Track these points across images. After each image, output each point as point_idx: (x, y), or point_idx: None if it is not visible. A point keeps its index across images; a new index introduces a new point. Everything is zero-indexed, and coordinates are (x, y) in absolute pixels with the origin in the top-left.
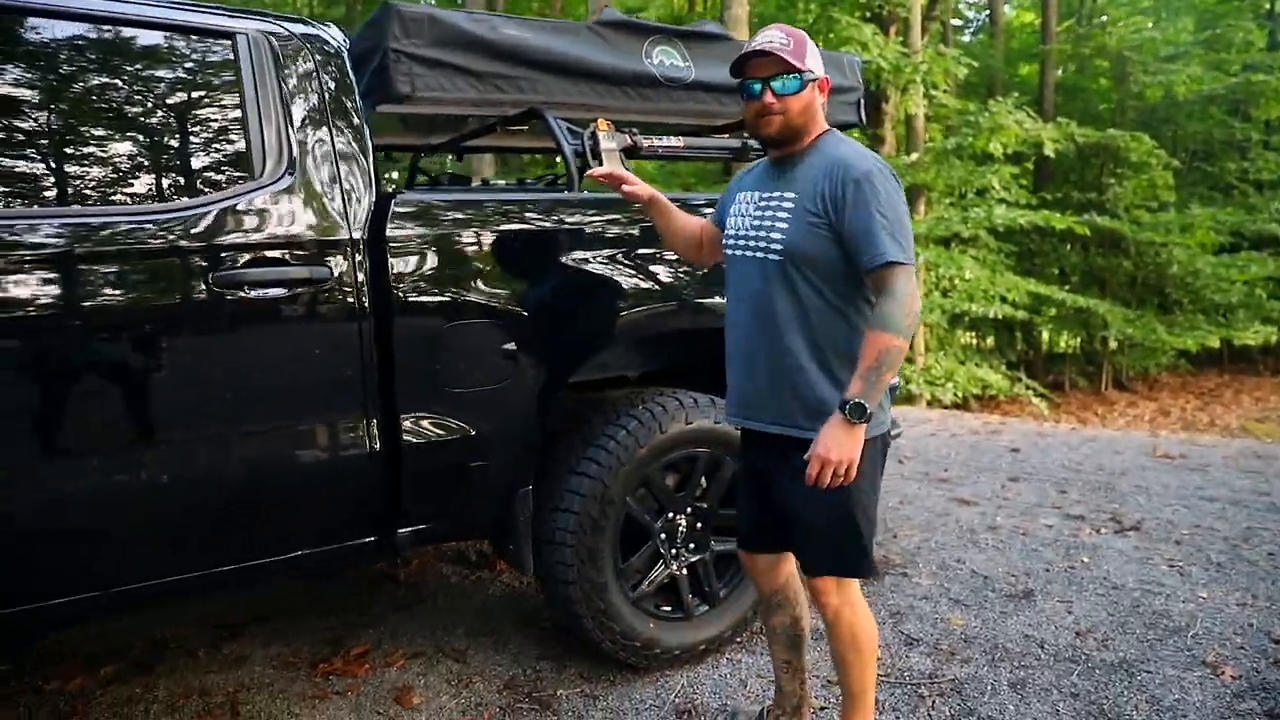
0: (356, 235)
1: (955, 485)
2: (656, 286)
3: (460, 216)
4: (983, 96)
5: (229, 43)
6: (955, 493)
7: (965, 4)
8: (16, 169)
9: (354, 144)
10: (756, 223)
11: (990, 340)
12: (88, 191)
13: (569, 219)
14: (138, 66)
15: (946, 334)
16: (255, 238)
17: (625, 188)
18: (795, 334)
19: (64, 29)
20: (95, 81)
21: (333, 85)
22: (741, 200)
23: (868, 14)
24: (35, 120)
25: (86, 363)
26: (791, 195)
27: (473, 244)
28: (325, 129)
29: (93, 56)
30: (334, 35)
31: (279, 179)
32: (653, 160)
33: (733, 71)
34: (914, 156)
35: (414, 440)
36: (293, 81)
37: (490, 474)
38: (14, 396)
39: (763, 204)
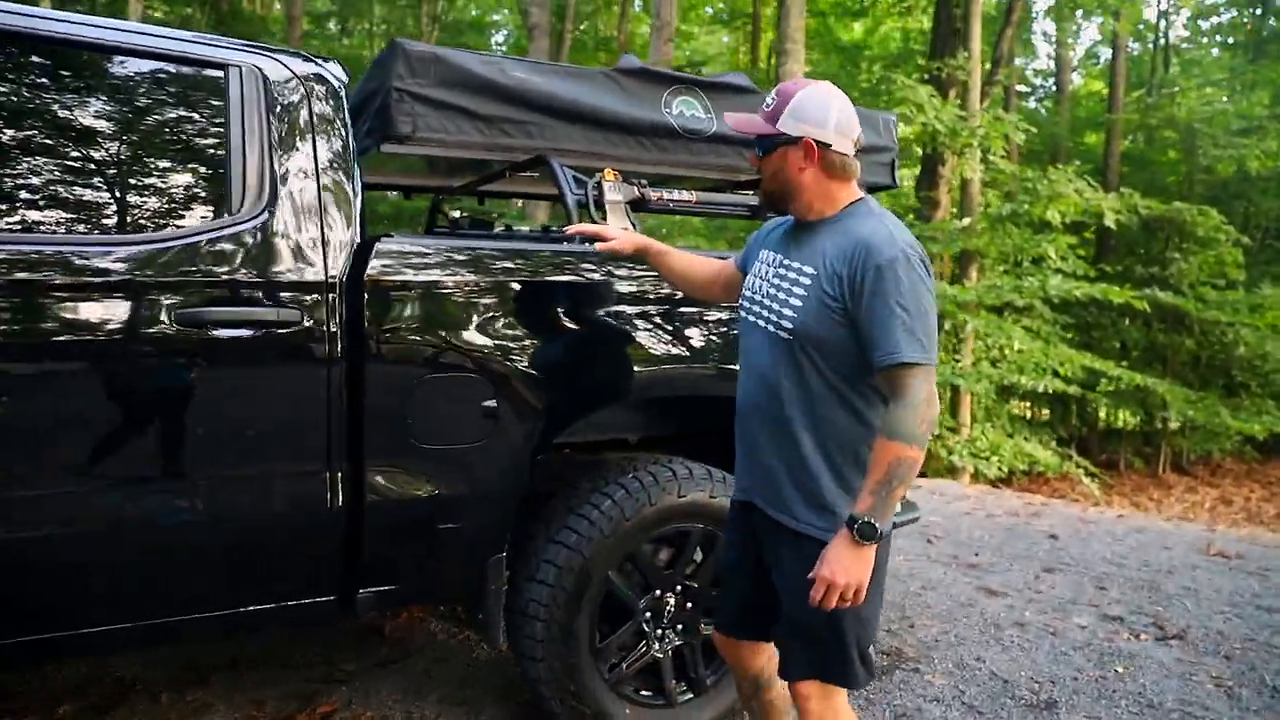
0: (333, 278)
1: (985, 572)
2: (665, 347)
3: (447, 264)
4: (1045, 164)
5: (220, 74)
6: (984, 581)
7: (1033, 71)
8: None
9: (341, 184)
10: (772, 291)
11: (1044, 412)
12: (47, 218)
13: (568, 270)
14: (117, 92)
15: (995, 405)
16: (224, 275)
17: (599, 244)
18: (799, 419)
19: (64, 56)
20: (67, 102)
21: (325, 124)
22: (764, 259)
23: (926, 76)
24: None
25: (31, 398)
26: (810, 271)
27: (458, 293)
28: (312, 168)
29: (72, 78)
30: (333, 72)
31: (256, 215)
32: (663, 214)
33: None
34: (967, 221)
35: (379, 497)
36: (283, 117)
37: (461, 537)
38: None
39: (782, 271)
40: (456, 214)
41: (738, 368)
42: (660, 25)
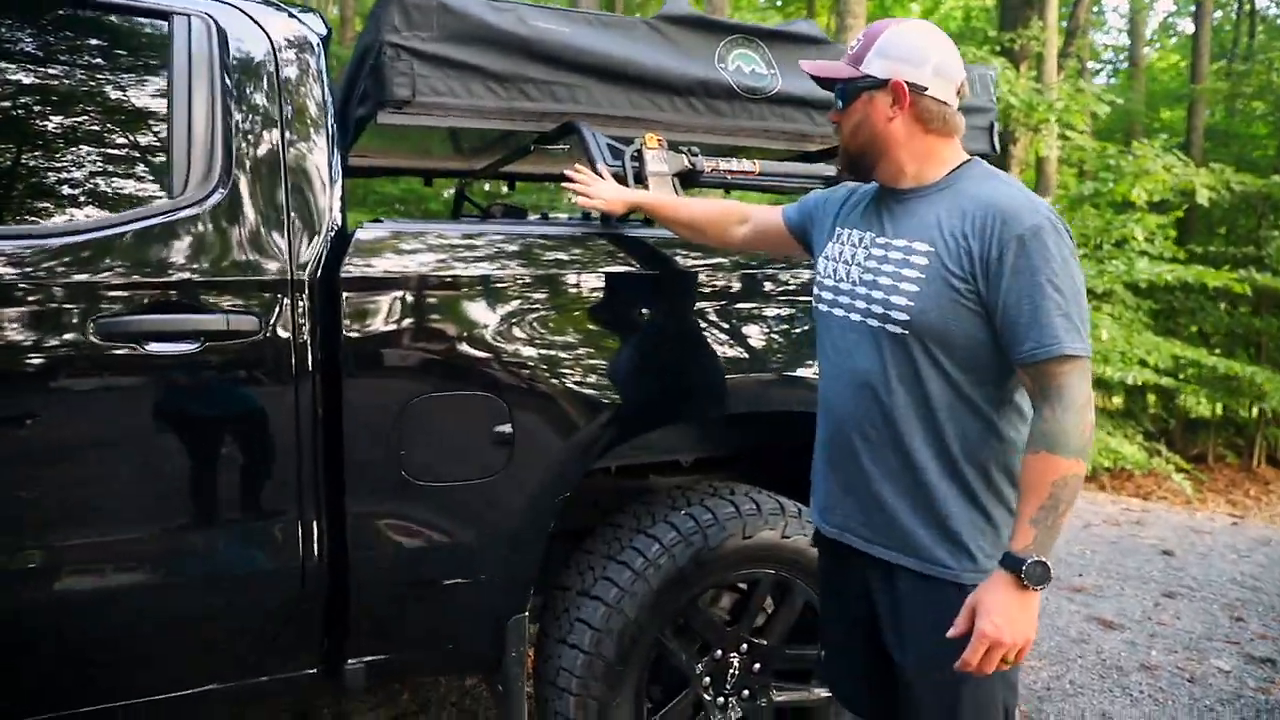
0: (302, 275)
1: (1094, 598)
2: (723, 351)
3: (444, 255)
4: (1119, 141)
5: (163, 25)
6: (1094, 609)
7: (1102, 45)
8: None
9: (315, 161)
10: (869, 276)
11: (1118, 401)
12: None
13: (599, 259)
14: (24, 45)
15: None
16: (160, 274)
17: (578, 199)
18: (917, 434)
19: None
20: None
21: (297, 87)
22: (842, 238)
23: (998, 47)
24: None
25: None
26: (923, 247)
27: (462, 291)
28: (278, 140)
29: None
30: (308, 23)
31: (205, 198)
32: (718, 188)
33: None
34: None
35: (366, 548)
36: (243, 78)
37: (472, 594)
38: None
39: (879, 251)
40: (505, 202)
41: (815, 373)
42: (711, 10)
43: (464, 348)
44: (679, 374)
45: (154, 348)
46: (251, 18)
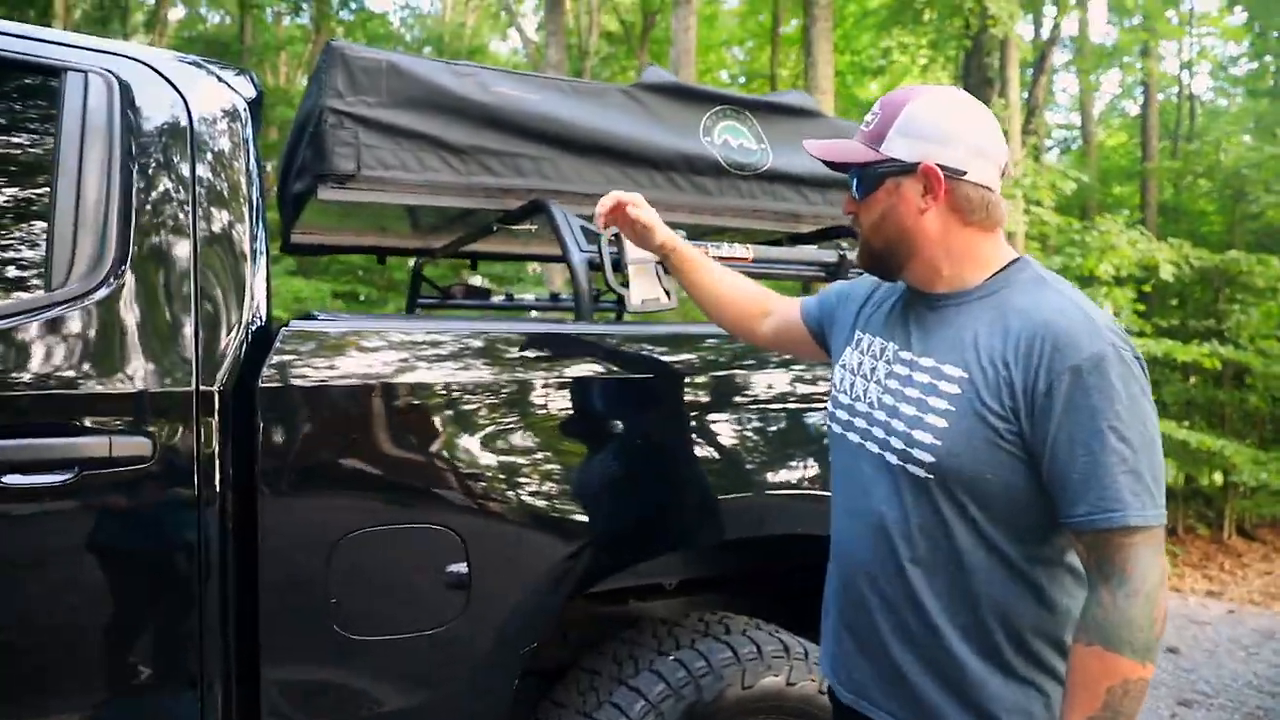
0: (210, 385)
1: None
2: (719, 469)
3: (391, 359)
4: (1075, 216)
5: (55, 82)
6: None
7: (1053, 124)
8: None
9: (234, 246)
10: (888, 399)
11: None
12: None
13: (574, 361)
14: None
15: None
16: (23, 388)
17: (635, 212)
18: (942, 596)
19: None
20: None
21: (216, 158)
22: (861, 344)
23: None
24: None
25: None
26: (955, 371)
27: (410, 402)
28: (189, 221)
29: None
30: (235, 85)
31: (91, 290)
32: None
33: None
34: None
35: None
36: (149, 147)
37: None
38: None
39: (900, 369)
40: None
41: (831, 498)
42: (675, 74)
43: (411, 471)
44: (671, 497)
45: (11, 480)
46: (164, 77)
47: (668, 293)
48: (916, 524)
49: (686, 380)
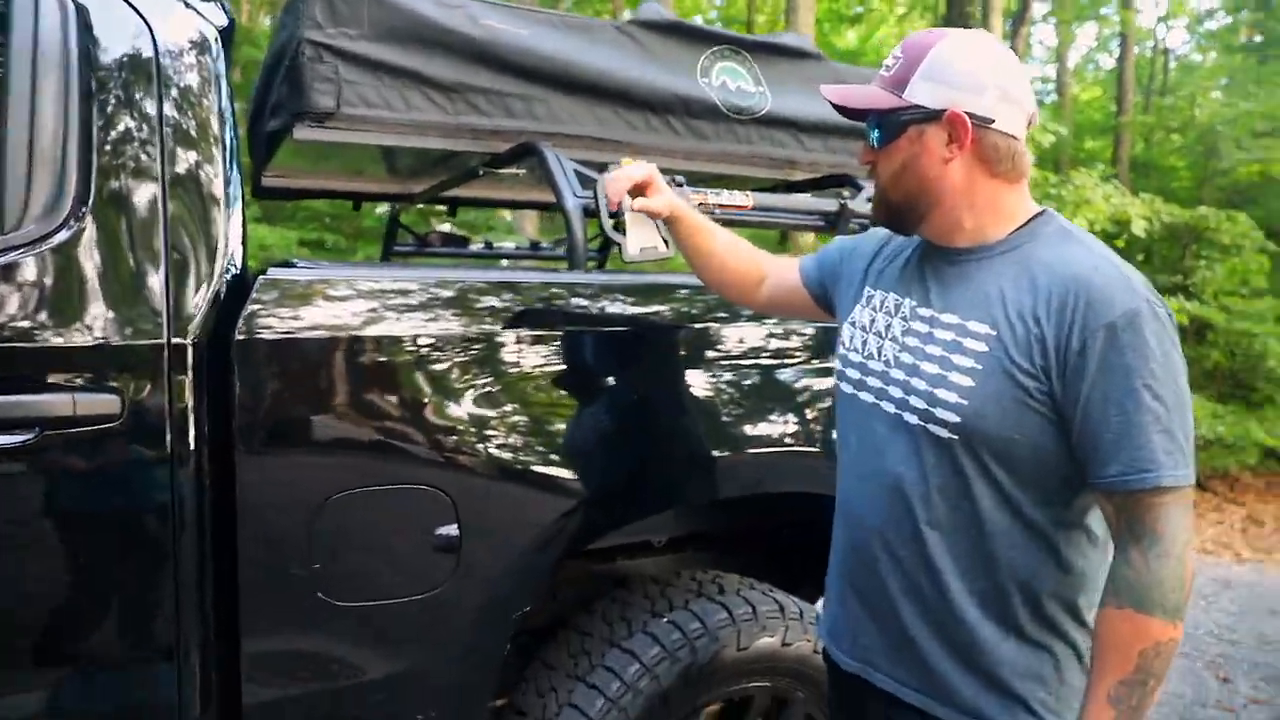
0: (183, 337)
1: None
2: (710, 424)
3: (374, 308)
4: (1049, 170)
5: (2, 6)
6: None
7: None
8: None
9: (205, 187)
10: (906, 357)
11: None
12: None
13: (568, 309)
14: None
15: None
16: None
17: (643, 201)
18: (961, 559)
19: None
20: None
21: (186, 89)
22: (874, 301)
23: None
24: None
25: None
26: (981, 328)
27: (395, 354)
28: (157, 160)
29: None
30: (204, 12)
31: (48, 235)
32: None
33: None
34: None
35: (266, 693)
36: (111, 79)
37: None
38: None
39: (919, 325)
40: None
41: (839, 460)
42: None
43: (398, 428)
44: (665, 453)
45: None
46: (126, 0)
47: (666, 241)
48: (936, 485)
49: (681, 332)
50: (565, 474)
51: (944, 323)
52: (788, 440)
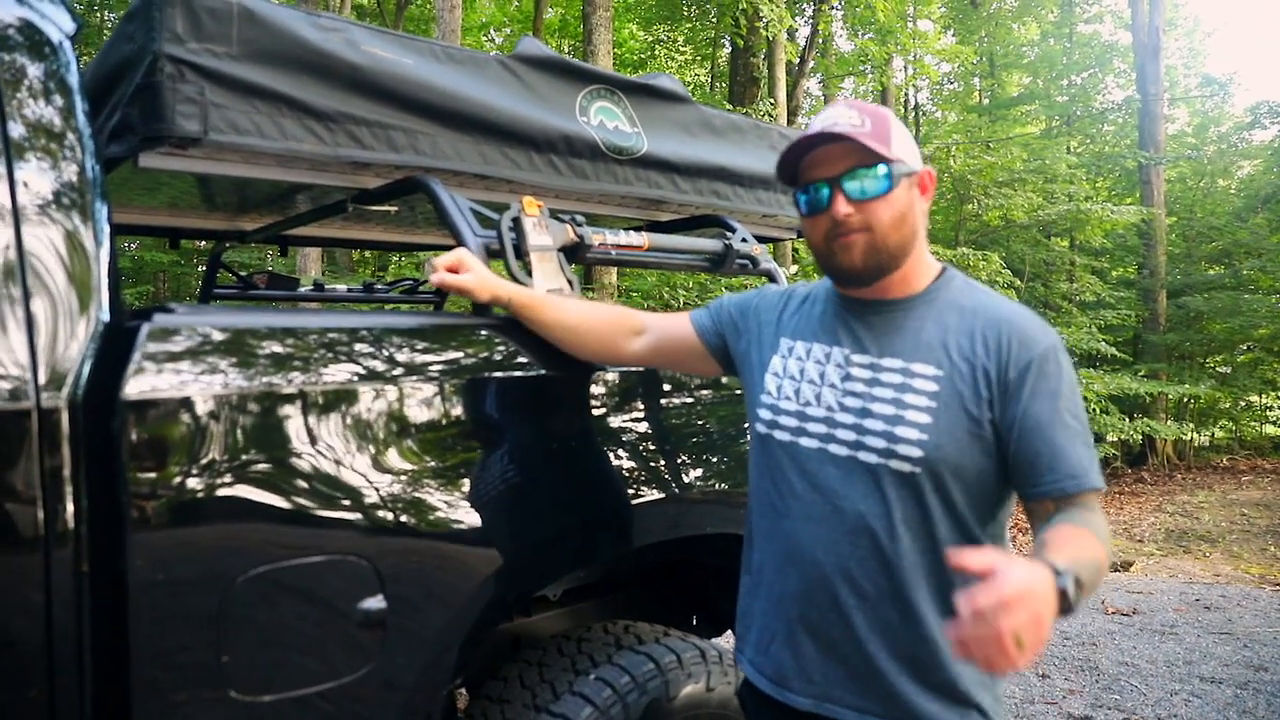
0: (53, 398)
1: None
2: (638, 470)
3: (282, 357)
4: None
5: None
6: None
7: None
8: None
9: (70, 217)
10: (852, 402)
11: None
12: None
13: (478, 355)
14: None
15: None
16: None
17: (436, 277)
18: (922, 585)
19: None
20: None
21: (32, 105)
22: (795, 351)
23: None
24: None
25: None
26: (928, 370)
27: (310, 409)
28: (3, 188)
29: None
30: (47, 13)
31: None
32: (604, 265)
33: (783, 172)
34: (794, 269)
35: None
36: None
37: None
38: None
39: (859, 371)
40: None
41: (754, 512)
42: (440, 23)
43: (316, 491)
44: (594, 501)
45: None
46: None
47: (570, 282)
48: (900, 518)
49: (591, 374)
50: (496, 531)
51: (886, 367)
52: (704, 481)
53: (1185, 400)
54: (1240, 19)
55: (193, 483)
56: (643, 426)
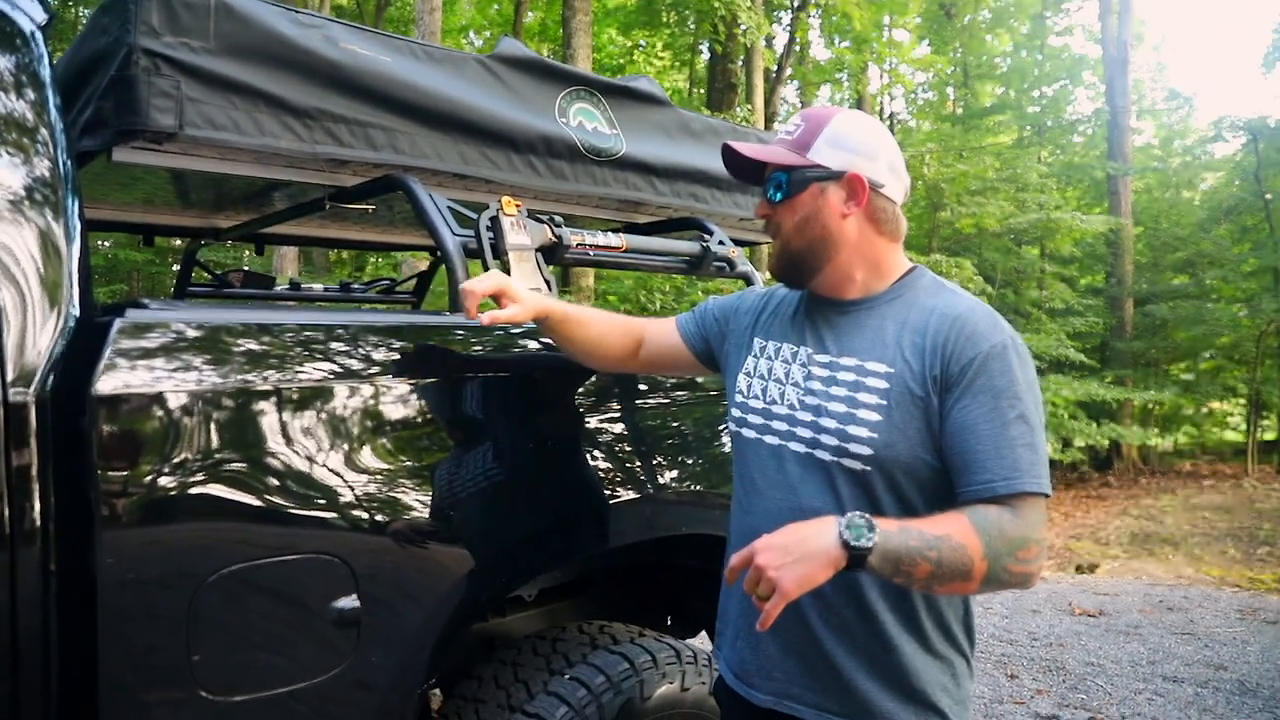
0: (22, 393)
1: None
2: (616, 469)
3: (256, 353)
4: None
5: None
6: None
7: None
8: None
9: (39, 211)
10: (810, 400)
11: None
12: None
13: (454, 355)
14: None
15: None
16: None
17: (498, 314)
18: (878, 586)
19: None
20: None
21: (2, 98)
22: (766, 351)
23: None
24: None
25: None
26: (880, 368)
27: (285, 407)
28: None
29: None
30: (21, 5)
31: None
32: (582, 266)
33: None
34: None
35: None
36: None
37: None
38: None
39: (819, 370)
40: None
41: (741, 502)
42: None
43: (290, 489)
44: (569, 502)
45: None
46: None
47: (548, 283)
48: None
49: (575, 372)
50: (473, 531)
51: (843, 365)
52: (681, 481)
53: (1150, 406)
54: (1202, 35)
55: (164, 480)
56: (618, 427)
